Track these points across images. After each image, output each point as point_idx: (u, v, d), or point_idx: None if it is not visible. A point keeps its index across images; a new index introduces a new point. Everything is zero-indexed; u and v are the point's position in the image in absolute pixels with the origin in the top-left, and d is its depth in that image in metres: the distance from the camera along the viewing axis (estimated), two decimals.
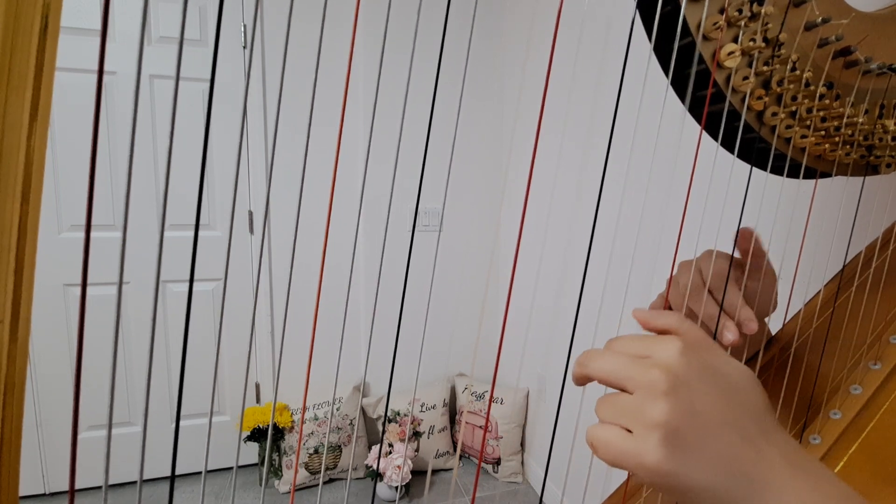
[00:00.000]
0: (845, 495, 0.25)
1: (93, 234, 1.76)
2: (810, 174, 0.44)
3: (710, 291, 0.40)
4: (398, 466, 1.80)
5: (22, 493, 1.82)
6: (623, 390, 0.27)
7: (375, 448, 1.93)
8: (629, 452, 0.25)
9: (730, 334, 0.39)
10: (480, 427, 2.01)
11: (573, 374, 0.30)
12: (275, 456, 1.92)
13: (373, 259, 2.02)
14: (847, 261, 0.51)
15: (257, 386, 2.05)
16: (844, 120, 0.41)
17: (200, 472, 1.98)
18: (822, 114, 0.40)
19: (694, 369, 0.26)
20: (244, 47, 1.83)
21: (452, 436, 2.11)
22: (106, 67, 1.72)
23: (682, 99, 0.38)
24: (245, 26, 1.81)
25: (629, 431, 0.26)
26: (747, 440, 0.25)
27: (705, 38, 0.36)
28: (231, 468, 2.03)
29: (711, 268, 0.41)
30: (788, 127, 0.40)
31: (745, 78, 0.37)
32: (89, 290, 1.76)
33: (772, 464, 0.25)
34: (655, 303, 0.44)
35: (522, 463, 2.00)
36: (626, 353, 0.28)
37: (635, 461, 0.25)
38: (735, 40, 0.36)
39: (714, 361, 0.27)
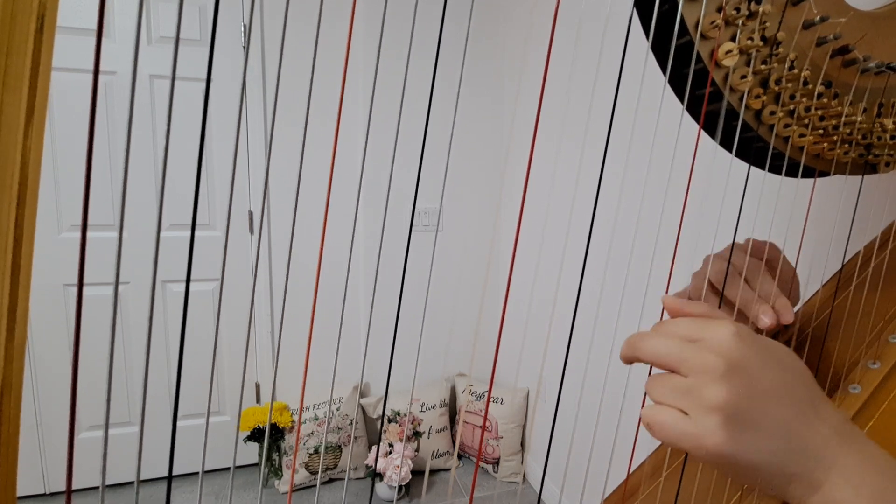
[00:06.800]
0: (890, 464, 0.26)
1: (95, 234, 1.76)
2: (808, 173, 0.44)
3: (743, 278, 0.40)
4: (398, 466, 1.80)
5: (22, 493, 1.82)
6: (675, 373, 0.27)
7: (375, 448, 1.93)
8: (688, 434, 0.25)
9: (766, 318, 0.38)
10: (480, 427, 2.01)
11: (621, 353, 0.30)
12: (275, 456, 1.92)
13: (371, 258, 2.02)
14: (846, 260, 0.51)
15: (257, 386, 2.05)
16: (843, 118, 0.41)
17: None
18: (820, 112, 0.40)
19: (749, 351, 0.26)
20: (244, 47, 1.83)
21: (452, 436, 2.11)
22: (107, 67, 1.72)
23: (680, 98, 0.38)
24: (245, 26, 1.81)
25: (685, 413, 0.26)
26: (801, 415, 0.26)
27: (703, 36, 0.36)
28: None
29: (746, 256, 0.40)
30: (787, 126, 0.40)
31: (743, 77, 0.37)
32: (91, 290, 1.76)
33: (825, 438, 0.26)
34: (691, 290, 0.43)
35: (522, 463, 2.00)
36: (677, 335, 0.28)
37: (695, 443, 0.25)
38: (733, 39, 0.36)
39: (764, 341, 0.28)
